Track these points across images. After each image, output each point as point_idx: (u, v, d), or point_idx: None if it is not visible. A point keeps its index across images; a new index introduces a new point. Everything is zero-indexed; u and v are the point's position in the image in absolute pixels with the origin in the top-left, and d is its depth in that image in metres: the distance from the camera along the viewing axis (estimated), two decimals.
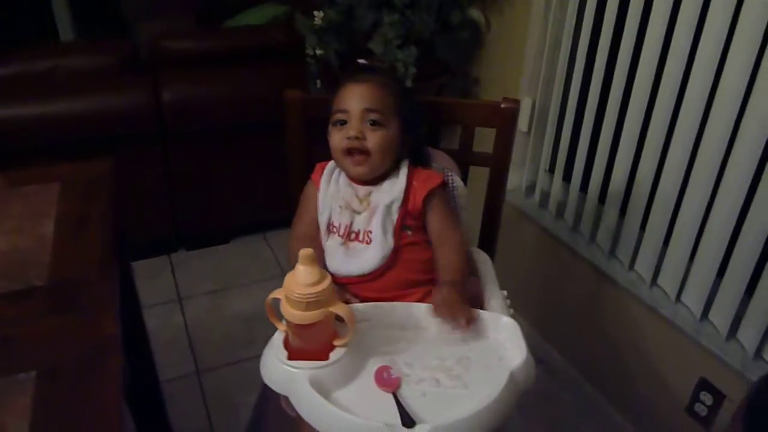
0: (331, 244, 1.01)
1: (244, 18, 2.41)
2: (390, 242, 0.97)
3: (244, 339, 1.90)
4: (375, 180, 1.03)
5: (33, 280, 0.79)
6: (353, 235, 1.00)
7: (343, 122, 1.00)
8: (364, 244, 0.98)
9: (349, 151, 0.99)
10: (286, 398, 0.87)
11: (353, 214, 1.01)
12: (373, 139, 0.98)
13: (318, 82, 1.74)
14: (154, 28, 2.91)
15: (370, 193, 1.02)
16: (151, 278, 2.17)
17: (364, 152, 0.98)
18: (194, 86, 2.01)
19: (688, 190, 1.33)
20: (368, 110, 0.98)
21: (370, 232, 0.98)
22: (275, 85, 2.07)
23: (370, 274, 0.97)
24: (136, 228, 2.14)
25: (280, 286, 0.80)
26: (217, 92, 2.05)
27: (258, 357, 0.87)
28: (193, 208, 2.23)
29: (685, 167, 1.32)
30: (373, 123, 0.99)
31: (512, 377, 0.80)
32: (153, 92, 1.98)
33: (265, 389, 0.98)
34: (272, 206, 2.32)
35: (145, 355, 1.32)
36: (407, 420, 0.74)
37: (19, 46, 2.06)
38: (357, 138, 0.97)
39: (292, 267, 0.79)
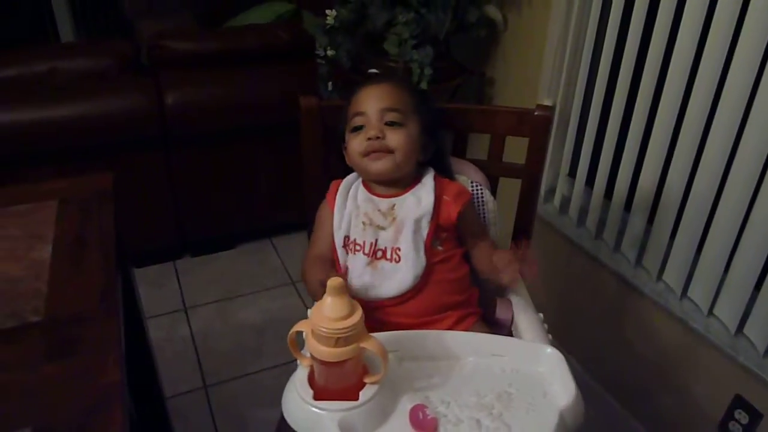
0: (356, 264, 0.92)
1: (247, 17, 2.32)
2: (422, 260, 0.89)
3: (253, 350, 1.81)
4: (397, 190, 0.94)
5: (28, 316, 0.70)
6: (380, 253, 0.91)
7: (361, 127, 0.92)
8: (393, 263, 0.90)
9: (368, 153, 0.91)
10: None
11: (377, 231, 0.92)
12: (394, 138, 0.91)
13: (329, 84, 1.64)
14: (154, 27, 2.81)
15: (393, 206, 0.93)
16: (156, 287, 2.08)
17: (384, 151, 0.91)
18: (197, 88, 1.92)
19: (724, 195, 1.24)
20: (386, 110, 0.92)
21: (399, 249, 0.90)
22: (281, 87, 2.00)
23: (401, 296, 0.88)
24: (139, 234, 2.06)
25: (288, 294, 0.72)
26: (221, 94, 1.96)
27: (268, 369, 0.79)
28: (198, 213, 2.14)
29: (721, 171, 1.23)
30: (392, 123, 0.92)
31: (562, 418, 0.71)
32: (155, 95, 1.88)
33: (282, 426, 0.89)
34: (279, 210, 2.24)
35: (149, 372, 1.23)
36: None
37: (17, 47, 1.97)
38: (377, 138, 0.90)
39: (310, 293, 0.70)
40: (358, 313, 0.70)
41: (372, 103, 0.92)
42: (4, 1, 3.46)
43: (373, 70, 1.58)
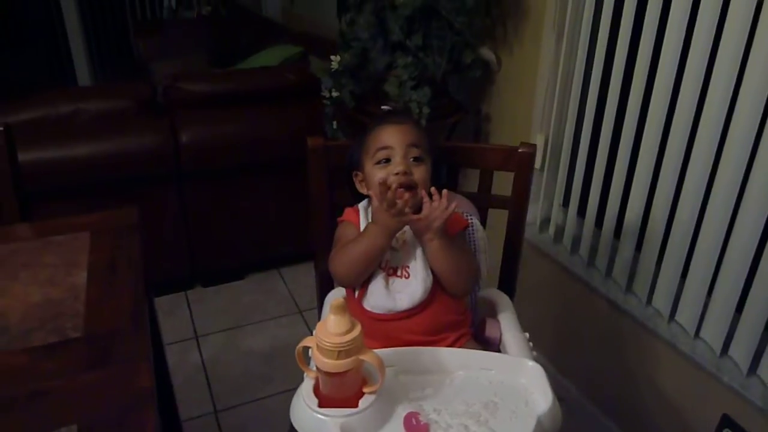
0: (375, 279, 1.02)
1: (257, 60, 2.48)
2: (429, 275, 1.00)
3: (262, 376, 1.90)
4: None
5: (69, 332, 0.81)
6: (391, 271, 1.02)
7: (386, 160, 1.03)
8: (404, 279, 1.01)
9: (398, 188, 1.00)
10: None
11: (390, 251, 1.03)
12: (418, 173, 1.02)
13: (334, 123, 1.77)
14: (168, 69, 2.99)
15: (403, 231, 1.03)
16: (168, 315, 2.19)
17: (412, 186, 1.01)
18: (211, 127, 2.06)
19: (705, 223, 1.34)
20: (411, 146, 1.03)
21: (408, 267, 1.01)
22: (289, 125, 2.14)
23: (412, 309, 0.99)
24: (153, 265, 2.17)
25: (295, 323, 0.82)
26: (232, 133, 2.10)
27: (277, 395, 0.88)
28: (209, 244, 2.26)
29: (701, 200, 1.33)
30: (416, 159, 1.03)
31: (539, 423, 0.80)
32: (170, 133, 2.03)
33: None
34: (286, 241, 2.36)
35: (168, 393, 1.33)
36: None
37: (39, 91, 2.13)
38: (405, 173, 1.01)
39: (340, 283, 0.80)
40: (358, 329, 0.80)
41: (398, 138, 1.03)
42: (25, 45, 3.68)
43: (386, 107, 1.70)
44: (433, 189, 0.98)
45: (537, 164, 1.77)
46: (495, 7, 1.75)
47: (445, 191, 0.97)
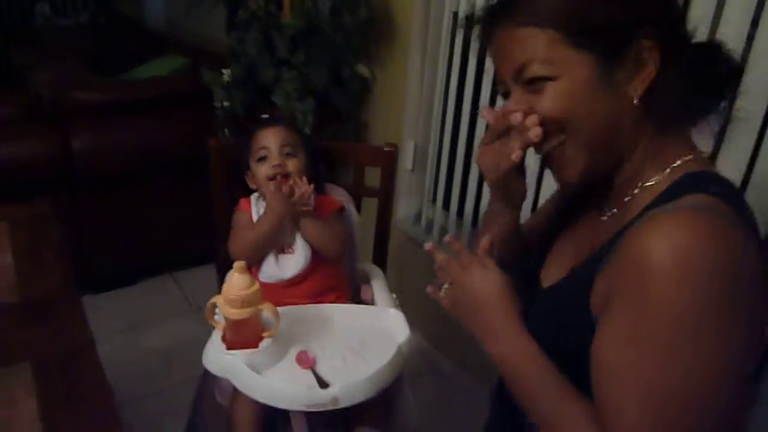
0: (267, 257, 1.29)
1: (145, 70, 2.64)
2: (309, 249, 1.28)
3: (161, 371, 2.07)
4: None
5: (6, 298, 1.00)
6: (279, 249, 1.30)
7: (264, 157, 1.30)
8: (290, 254, 1.28)
9: (274, 177, 1.28)
10: (219, 390, 1.13)
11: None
12: (292, 165, 1.30)
13: (226, 130, 2.00)
14: (46, 77, 3.04)
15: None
16: None
17: (286, 175, 1.28)
18: (103, 134, 2.21)
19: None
20: (284, 145, 1.30)
21: (292, 244, 1.28)
22: (181, 132, 2.33)
23: (295, 277, 1.26)
24: None
25: (192, 322, 1.06)
26: (126, 140, 2.26)
27: (177, 385, 1.10)
28: (102, 251, 2.38)
29: (533, 191, 1.72)
30: (288, 154, 1.30)
31: (399, 349, 1.11)
32: (61, 140, 2.15)
33: (201, 388, 1.23)
34: (179, 246, 2.53)
35: None
36: (323, 384, 1.02)
37: None
38: (279, 165, 1.28)
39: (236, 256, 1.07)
40: (256, 285, 1.06)
41: (272, 139, 1.31)
42: None
43: (265, 115, 1.96)
44: (295, 180, 1.27)
45: (408, 165, 2.12)
46: (369, 29, 2.07)
47: (300, 181, 1.26)
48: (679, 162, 0.71)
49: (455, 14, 1.88)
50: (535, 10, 0.68)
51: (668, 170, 0.71)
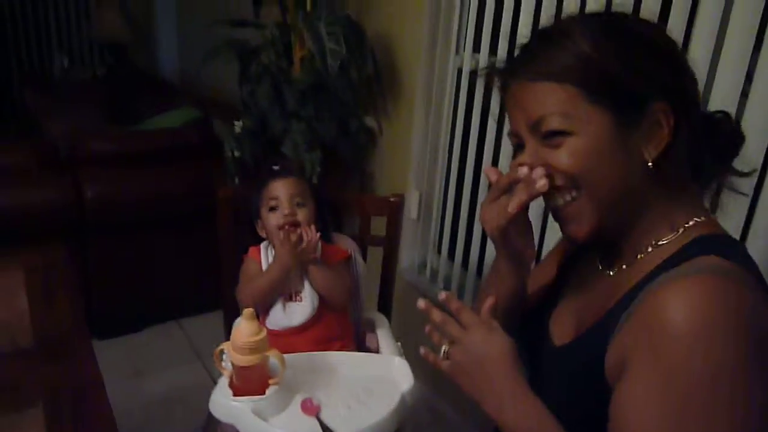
0: (275, 304, 1.33)
1: (159, 121, 2.73)
2: (316, 296, 1.30)
3: (162, 419, 2.06)
4: None
5: (22, 341, 1.03)
6: (288, 297, 1.33)
7: (275, 207, 1.34)
8: (297, 302, 1.31)
9: (284, 226, 1.32)
10: None
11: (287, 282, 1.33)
12: (301, 214, 1.34)
13: (236, 179, 2.06)
14: (62, 127, 3.14)
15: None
16: None
17: (296, 224, 1.32)
18: (115, 184, 2.28)
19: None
20: (294, 195, 1.35)
21: (300, 292, 1.31)
22: (191, 182, 2.39)
23: (302, 325, 1.29)
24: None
25: (196, 369, 1.08)
26: (137, 189, 2.32)
27: None
28: (109, 297, 2.41)
29: (537, 242, 1.75)
30: (298, 204, 1.35)
31: (402, 397, 1.12)
32: (74, 189, 2.21)
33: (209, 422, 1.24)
34: (186, 294, 2.56)
35: None
36: (327, 430, 1.03)
37: None
38: (290, 215, 1.32)
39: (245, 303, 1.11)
40: (263, 332, 1.08)
41: (284, 189, 1.36)
42: None
43: (276, 166, 2.03)
44: (304, 229, 1.30)
45: (413, 215, 2.16)
46: (376, 84, 2.16)
47: (308, 229, 1.30)
48: (691, 223, 0.73)
49: (459, 70, 1.96)
50: (554, 65, 0.70)
51: (681, 231, 0.73)
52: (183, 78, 3.82)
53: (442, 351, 0.83)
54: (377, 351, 1.35)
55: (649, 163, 0.70)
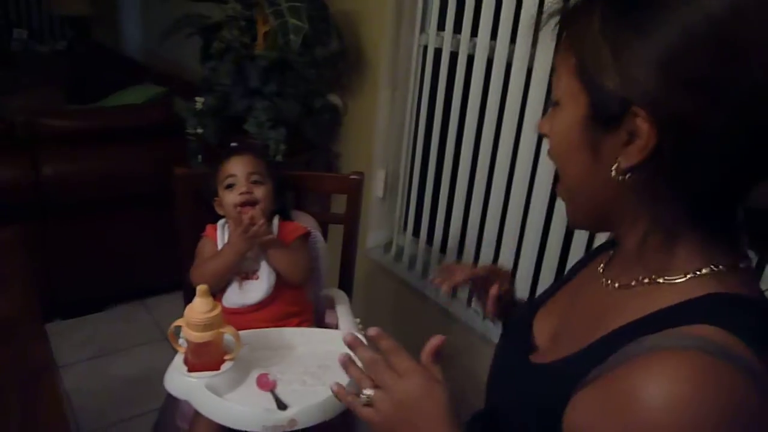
0: (231, 283, 1.33)
1: (121, 97, 2.69)
2: (273, 274, 1.32)
3: (128, 399, 2.07)
4: None
5: None
6: (244, 275, 1.33)
7: (232, 185, 1.34)
8: (254, 280, 1.32)
9: (242, 204, 1.32)
10: (180, 414, 1.15)
11: (243, 259, 1.33)
12: (259, 192, 1.34)
13: (199, 157, 2.05)
14: (20, 103, 3.07)
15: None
16: None
17: (253, 202, 1.33)
18: (75, 162, 2.24)
19: (504, 239, 1.79)
20: (251, 173, 1.35)
21: (256, 270, 1.32)
22: (153, 160, 2.37)
23: (259, 303, 1.30)
24: None
25: (160, 349, 1.09)
26: (97, 167, 2.29)
27: (142, 415, 1.12)
28: (70, 277, 2.38)
29: (499, 219, 1.78)
30: (255, 181, 1.34)
31: None
32: (31, 167, 2.18)
33: (162, 413, 1.26)
34: (149, 273, 2.54)
35: None
36: (281, 406, 1.05)
37: None
38: (247, 192, 1.32)
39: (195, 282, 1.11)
40: (218, 308, 1.09)
41: (240, 167, 1.36)
42: None
43: (234, 144, 2.01)
44: (252, 213, 1.30)
45: (379, 194, 2.17)
46: (341, 61, 2.15)
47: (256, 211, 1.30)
48: (706, 271, 0.61)
49: (425, 48, 1.96)
50: (575, 31, 0.63)
51: (690, 276, 0.61)
52: (146, 54, 3.75)
53: (364, 395, 0.71)
54: (337, 328, 1.37)
55: (613, 173, 0.60)
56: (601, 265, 0.74)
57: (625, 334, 0.60)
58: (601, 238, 1.32)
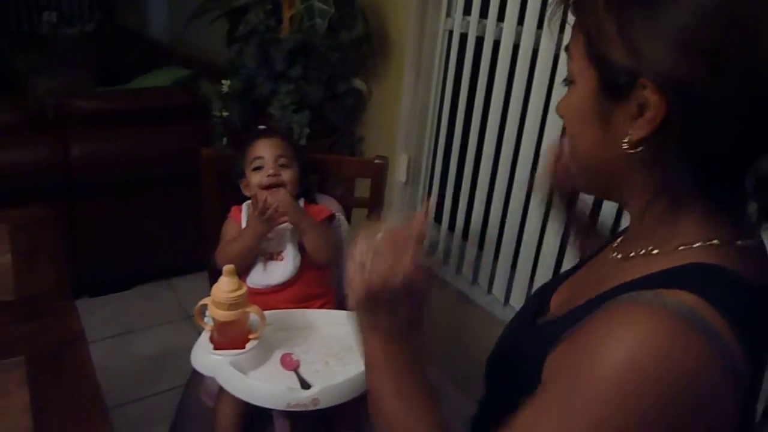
0: (256, 264, 1.36)
1: (147, 80, 2.72)
2: (298, 256, 1.34)
3: (151, 377, 2.11)
4: None
5: (3, 296, 1.05)
6: (269, 255, 1.36)
7: (260, 167, 1.36)
8: (279, 261, 1.34)
9: (269, 187, 1.34)
10: (205, 390, 1.18)
11: (267, 240, 1.36)
12: (286, 175, 1.37)
13: (224, 140, 2.07)
14: (50, 85, 3.12)
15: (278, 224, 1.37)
16: None
17: (280, 185, 1.35)
18: (103, 143, 2.28)
19: (527, 224, 1.78)
20: (279, 155, 1.37)
21: (281, 251, 1.34)
22: (179, 142, 2.40)
23: (283, 284, 1.32)
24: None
25: (184, 328, 1.11)
26: (125, 148, 2.33)
27: (164, 392, 1.15)
28: (97, 256, 2.43)
29: (522, 205, 1.78)
30: (282, 165, 1.36)
31: None
32: (62, 147, 2.22)
33: (187, 389, 1.28)
34: (175, 253, 2.58)
35: None
36: (304, 385, 1.07)
37: None
38: (274, 175, 1.35)
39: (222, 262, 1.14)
40: (243, 288, 1.11)
41: (268, 149, 1.38)
42: None
43: (262, 126, 2.03)
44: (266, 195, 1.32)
45: (402, 178, 2.18)
46: (366, 45, 2.15)
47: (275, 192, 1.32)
48: (698, 244, 0.62)
49: (450, 32, 1.95)
50: (579, 9, 0.64)
51: (681, 248, 0.62)
52: (172, 37, 3.77)
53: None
54: None
55: (624, 146, 0.61)
56: (618, 240, 0.76)
57: (608, 296, 0.62)
58: (624, 222, 1.31)
